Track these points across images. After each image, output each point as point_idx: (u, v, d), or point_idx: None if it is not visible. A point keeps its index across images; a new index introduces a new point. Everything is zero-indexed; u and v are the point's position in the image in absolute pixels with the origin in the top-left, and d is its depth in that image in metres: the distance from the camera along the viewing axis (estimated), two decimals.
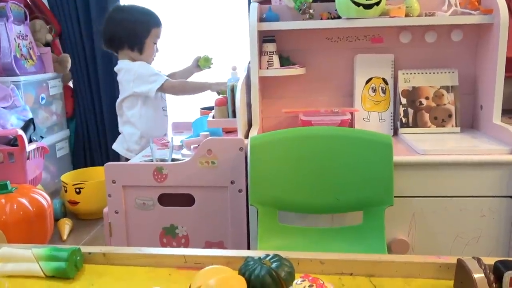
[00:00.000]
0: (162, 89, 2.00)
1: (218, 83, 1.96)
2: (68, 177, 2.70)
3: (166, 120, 2.17)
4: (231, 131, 1.87)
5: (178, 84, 2.03)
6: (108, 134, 3.14)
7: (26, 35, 2.81)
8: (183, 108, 2.60)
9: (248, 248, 1.54)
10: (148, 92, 1.99)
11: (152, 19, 2.03)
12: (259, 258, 0.80)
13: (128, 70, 2.01)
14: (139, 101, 2.03)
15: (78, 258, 0.90)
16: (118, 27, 2.01)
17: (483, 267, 0.79)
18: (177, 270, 0.89)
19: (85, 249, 0.92)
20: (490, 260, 0.83)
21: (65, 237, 2.38)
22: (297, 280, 0.74)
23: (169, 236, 1.56)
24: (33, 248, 0.90)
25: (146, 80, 1.99)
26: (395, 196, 1.36)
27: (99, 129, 3.17)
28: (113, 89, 2.93)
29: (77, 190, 2.55)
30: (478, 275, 0.76)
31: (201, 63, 2.10)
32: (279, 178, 1.40)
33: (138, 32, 2.00)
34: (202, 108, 2.20)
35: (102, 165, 1.58)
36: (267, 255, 0.81)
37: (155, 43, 2.05)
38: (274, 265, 0.77)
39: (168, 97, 2.18)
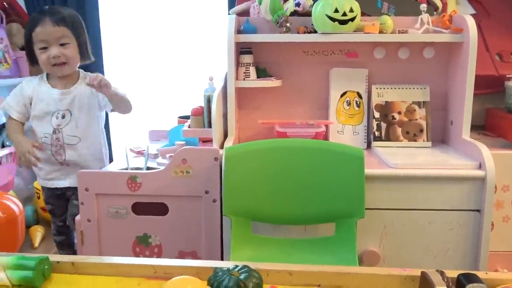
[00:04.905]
0: None
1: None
2: None
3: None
4: (208, 141, 1.86)
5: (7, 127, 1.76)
6: None
7: (2, 38, 2.76)
8: (161, 116, 2.59)
9: (222, 258, 1.54)
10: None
11: (32, 20, 1.68)
12: (228, 269, 0.81)
13: None
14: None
15: (46, 267, 0.89)
16: None
17: (445, 280, 0.81)
18: (146, 280, 0.88)
19: (53, 257, 0.91)
20: (453, 273, 0.86)
21: (36, 244, 2.34)
22: None
23: (142, 245, 1.55)
24: None
25: None
26: (366, 208, 1.39)
27: None
28: None
29: None
30: None
31: None
32: (252, 189, 1.41)
33: (27, 40, 1.72)
34: (179, 117, 2.20)
35: None
36: (236, 266, 0.82)
37: (41, 48, 1.67)
38: (242, 276, 0.78)
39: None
